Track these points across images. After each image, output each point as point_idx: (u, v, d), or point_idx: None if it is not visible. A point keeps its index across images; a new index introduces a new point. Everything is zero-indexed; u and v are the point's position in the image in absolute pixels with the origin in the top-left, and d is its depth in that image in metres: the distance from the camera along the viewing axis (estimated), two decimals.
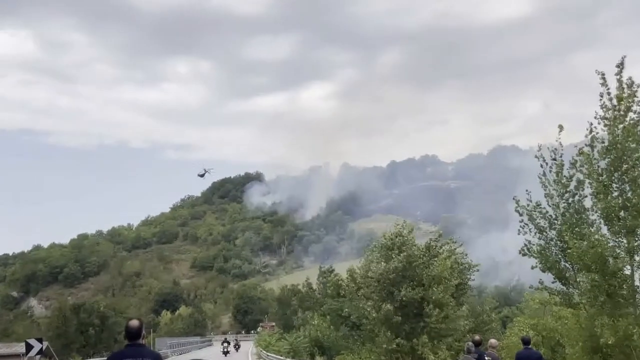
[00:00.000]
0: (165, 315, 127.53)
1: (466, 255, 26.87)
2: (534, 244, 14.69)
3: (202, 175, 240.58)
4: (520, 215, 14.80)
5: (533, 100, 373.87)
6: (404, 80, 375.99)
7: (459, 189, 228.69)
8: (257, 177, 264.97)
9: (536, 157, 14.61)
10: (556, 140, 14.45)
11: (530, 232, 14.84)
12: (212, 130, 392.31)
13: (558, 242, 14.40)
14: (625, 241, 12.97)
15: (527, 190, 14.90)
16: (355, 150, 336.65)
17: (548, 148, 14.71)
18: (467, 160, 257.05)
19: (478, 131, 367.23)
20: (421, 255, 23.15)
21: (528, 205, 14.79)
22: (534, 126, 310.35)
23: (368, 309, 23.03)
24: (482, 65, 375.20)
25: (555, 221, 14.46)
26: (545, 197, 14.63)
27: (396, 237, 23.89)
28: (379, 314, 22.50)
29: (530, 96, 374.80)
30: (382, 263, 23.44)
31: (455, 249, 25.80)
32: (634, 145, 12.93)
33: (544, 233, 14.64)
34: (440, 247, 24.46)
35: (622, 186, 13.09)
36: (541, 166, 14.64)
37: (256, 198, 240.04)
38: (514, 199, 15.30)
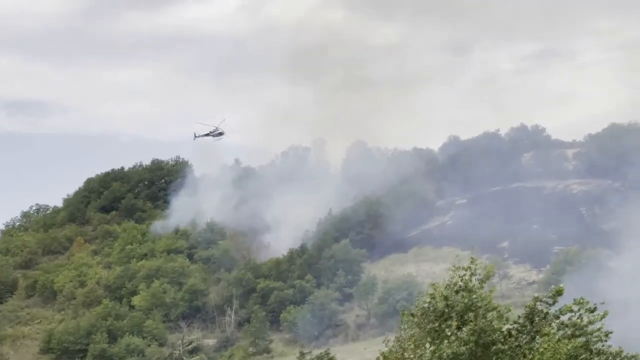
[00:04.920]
0: None
1: (604, 334, 27.97)
2: None
3: (218, 134, 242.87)
4: None
5: None
6: None
7: (589, 195, 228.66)
8: (180, 169, 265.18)
9: None
10: None
11: None
12: (85, 68, 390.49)
13: None
14: None
15: None
16: (377, 115, 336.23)
17: None
18: (605, 136, 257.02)
19: (635, 78, 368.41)
20: (512, 332, 24.82)
21: None
22: None
23: None
24: None
25: None
26: None
27: (457, 291, 25.08)
28: None
29: None
30: (428, 347, 25.04)
31: (585, 323, 27.04)
32: None
33: None
34: (556, 317, 26.42)
35: None
36: None
37: (178, 211, 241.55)
38: None
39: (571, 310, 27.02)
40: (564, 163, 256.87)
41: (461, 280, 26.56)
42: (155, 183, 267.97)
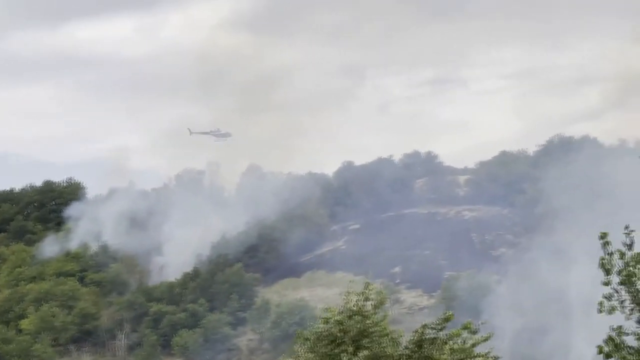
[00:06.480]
0: None
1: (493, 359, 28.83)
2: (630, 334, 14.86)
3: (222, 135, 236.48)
4: (607, 273, 14.76)
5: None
6: None
7: (479, 222, 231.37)
8: (72, 190, 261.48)
9: None
10: None
11: (624, 308, 14.87)
12: None
13: None
14: None
15: (626, 228, 14.83)
16: (273, 139, 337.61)
17: None
18: (495, 163, 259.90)
19: (526, 106, 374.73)
20: (402, 357, 25.17)
21: (623, 254, 14.74)
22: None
23: None
24: None
25: None
26: None
27: (350, 316, 25.19)
28: None
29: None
30: None
31: (470, 345, 27.44)
32: None
33: None
34: (445, 341, 26.45)
35: None
36: None
37: (69, 233, 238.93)
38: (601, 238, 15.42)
39: (459, 335, 27.10)
40: (455, 189, 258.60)
41: (354, 306, 26.65)
42: (46, 205, 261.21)
